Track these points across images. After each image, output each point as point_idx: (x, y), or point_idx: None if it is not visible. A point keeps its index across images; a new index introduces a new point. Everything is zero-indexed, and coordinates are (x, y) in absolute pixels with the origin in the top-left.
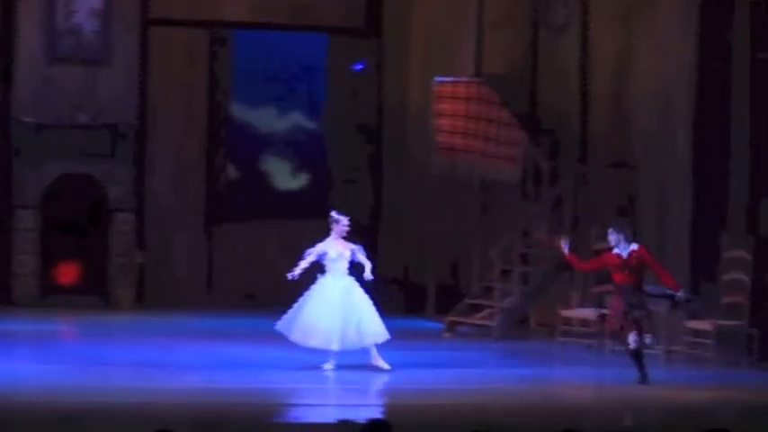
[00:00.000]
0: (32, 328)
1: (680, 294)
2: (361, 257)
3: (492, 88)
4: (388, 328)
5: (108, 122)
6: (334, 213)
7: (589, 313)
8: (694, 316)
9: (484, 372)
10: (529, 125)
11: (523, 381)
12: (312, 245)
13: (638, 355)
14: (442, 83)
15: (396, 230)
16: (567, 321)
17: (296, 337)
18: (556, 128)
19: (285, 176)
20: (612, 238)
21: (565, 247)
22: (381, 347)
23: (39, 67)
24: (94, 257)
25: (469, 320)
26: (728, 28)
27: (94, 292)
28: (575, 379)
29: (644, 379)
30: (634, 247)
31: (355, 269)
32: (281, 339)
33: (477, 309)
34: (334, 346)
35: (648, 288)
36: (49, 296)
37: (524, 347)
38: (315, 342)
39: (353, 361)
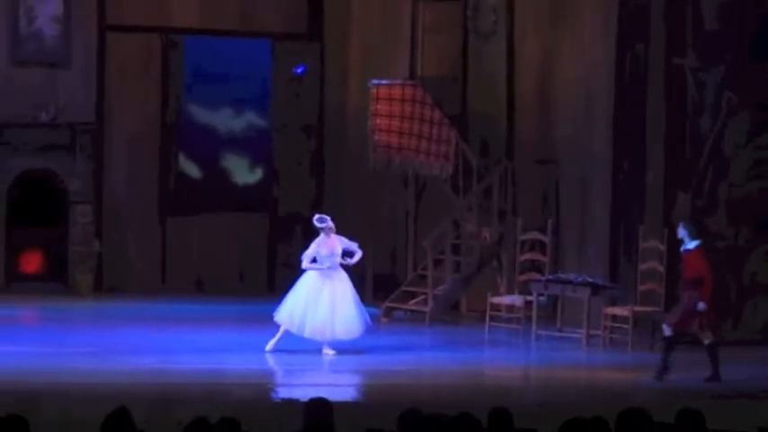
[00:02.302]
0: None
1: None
2: (352, 247)
3: (425, 90)
4: None
5: (68, 121)
6: (316, 218)
7: (515, 300)
8: (613, 302)
9: (418, 354)
10: (460, 124)
11: (455, 363)
12: (267, 239)
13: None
14: (378, 85)
15: (337, 222)
16: (496, 307)
17: (293, 328)
18: (485, 126)
19: (243, 172)
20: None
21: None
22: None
23: (3, 70)
24: (56, 247)
25: (405, 306)
26: (645, 34)
27: (56, 280)
28: (502, 361)
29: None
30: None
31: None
32: (230, 323)
33: (412, 295)
34: (321, 337)
35: (570, 275)
36: (14, 283)
37: (456, 332)
38: (308, 332)
39: (299, 345)
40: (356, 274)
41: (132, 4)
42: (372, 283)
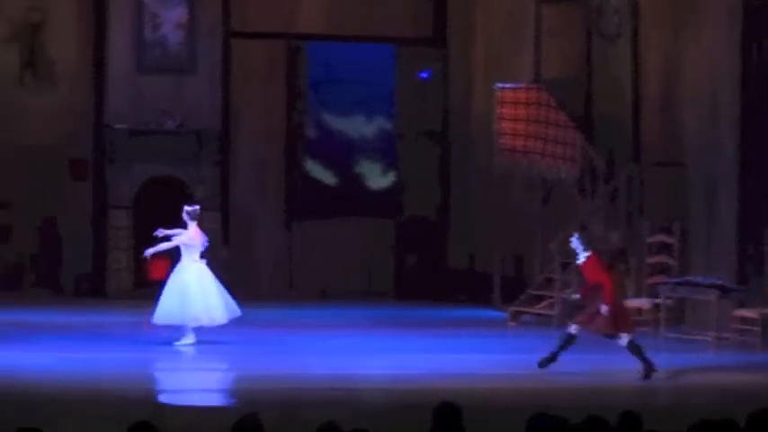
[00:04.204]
0: (126, 320)
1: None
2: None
3: (550, 93)
4: (458, 317)
5: (193, 128)
6: (187, 206)
7: (643, 302)
8: (742, 304)
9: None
10: (585, 127)
11: (582, 366)
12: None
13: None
14: (503, 88)
15: (463, 227)
16: None
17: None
18: (610, 129)
19: (376, 177)
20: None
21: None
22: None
23: (129, 77)
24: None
25: (532, 310)
26: None
27: None
28: (630, 364)
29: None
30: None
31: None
32: (357, 328)
33: (539, 299)
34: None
35: (698, 278)
36: (142, 289)
37: (583, 335)
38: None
39: (406, 348)
40: (483, 278)
41: (257, 11)
42: (500, 286)
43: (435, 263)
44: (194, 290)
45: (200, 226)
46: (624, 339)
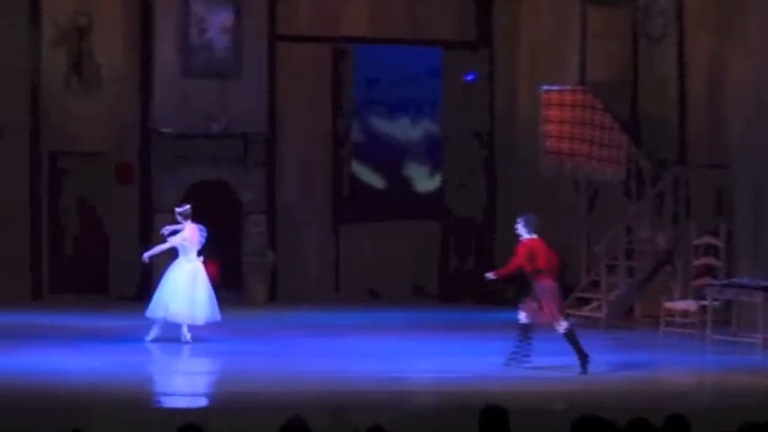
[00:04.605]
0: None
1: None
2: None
3: (596, 95)
4: (504, 319)
5: (239, 131)
6: (177, 207)
7: (690, 304)
8: None
9: (592, 359)
10: (631, 129)
11: (630, 368)
12: (440, 245)
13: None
14: (549, 91)
15: (509, 229)
16: (670, 312)
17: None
18: (656, 131)
19: (424, 179)
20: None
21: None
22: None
23: (174, 82)
24: (230, 257)
25: (578, 312)
26: None
27: (231, 290)
28: (677, 366)
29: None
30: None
31: None
32: (404, 330)
33: (585, 301)
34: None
35: (744, 279)
36: None
37: (630, 337)
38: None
39: (465, 353)
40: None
41: (302, 15)
42: None
43: (481, 265)
44: (183, 288)
45: (244, 228)
46: (562, 328)
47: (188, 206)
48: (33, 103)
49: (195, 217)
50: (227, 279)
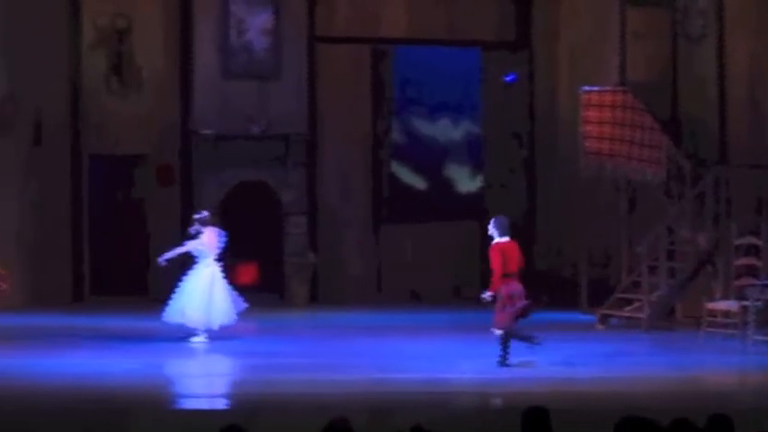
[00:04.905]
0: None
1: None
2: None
3: (635, 95)
4: (545, 321)
5: (280, 132)
6: (196, 214)
7: (731, 305)
8: None
9: (634, 360)
10: (671, 129)
11: (672, 369)
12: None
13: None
14: (588, 91)
15: (549, 230)
16: (712, 313)
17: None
18: (696, 131)
19: (465, 180)
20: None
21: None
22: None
23: (214, 83)
24: (270, 258)
25: (620, 313)
26: None
27: (272, 291)
28: (719, 366)
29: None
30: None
31: None
32: (446, 332)
33: (627, 302)
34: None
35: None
36: None
37: (672, 338)
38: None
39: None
40: (570, 281)
41: (342, 16)
42: (586, 289)
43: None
44: (200, 293)
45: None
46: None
47: (206, 213)
48: (74, 106)
49: (236, 218)
50: (268, 280)
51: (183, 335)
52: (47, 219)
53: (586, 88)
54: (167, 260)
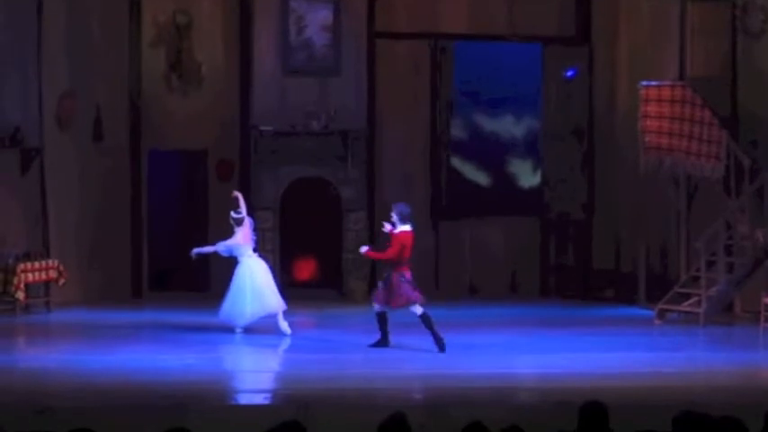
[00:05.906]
0: (272, 320)
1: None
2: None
3: (695, 90)
4: (604, 315)
5: (339, 129)
6: (234, 213)
7: None
8: None
9: (692, 355)
10: (730, 125)
11: (730, 363)
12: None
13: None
14: (648, 86)
15: (608, 225)
16: None
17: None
18: (756, 127)
19: (527, 176)
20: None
21: (363, 249)
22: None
23: (274, 80)
24: (329, 254)
25: (678, 308)
26: None
27: (330, 287)
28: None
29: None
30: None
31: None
32: (503, 326)
33: (685, 297)
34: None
35: None
36: (289, 289)
37: (730, 333)
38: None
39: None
40: (629, 276)
41: (401, 11)
42: (645, 284)
43: (581, 261)
44: (247, 290)
45: (344, 225)
46: (419, 311)
47: (242, 213)
48: (134, 102)
49: (295, 214)
50: (327, 276)
51: (237, 332)
52: (107, 214)
53: (645, 83)
54: (198, 254)
